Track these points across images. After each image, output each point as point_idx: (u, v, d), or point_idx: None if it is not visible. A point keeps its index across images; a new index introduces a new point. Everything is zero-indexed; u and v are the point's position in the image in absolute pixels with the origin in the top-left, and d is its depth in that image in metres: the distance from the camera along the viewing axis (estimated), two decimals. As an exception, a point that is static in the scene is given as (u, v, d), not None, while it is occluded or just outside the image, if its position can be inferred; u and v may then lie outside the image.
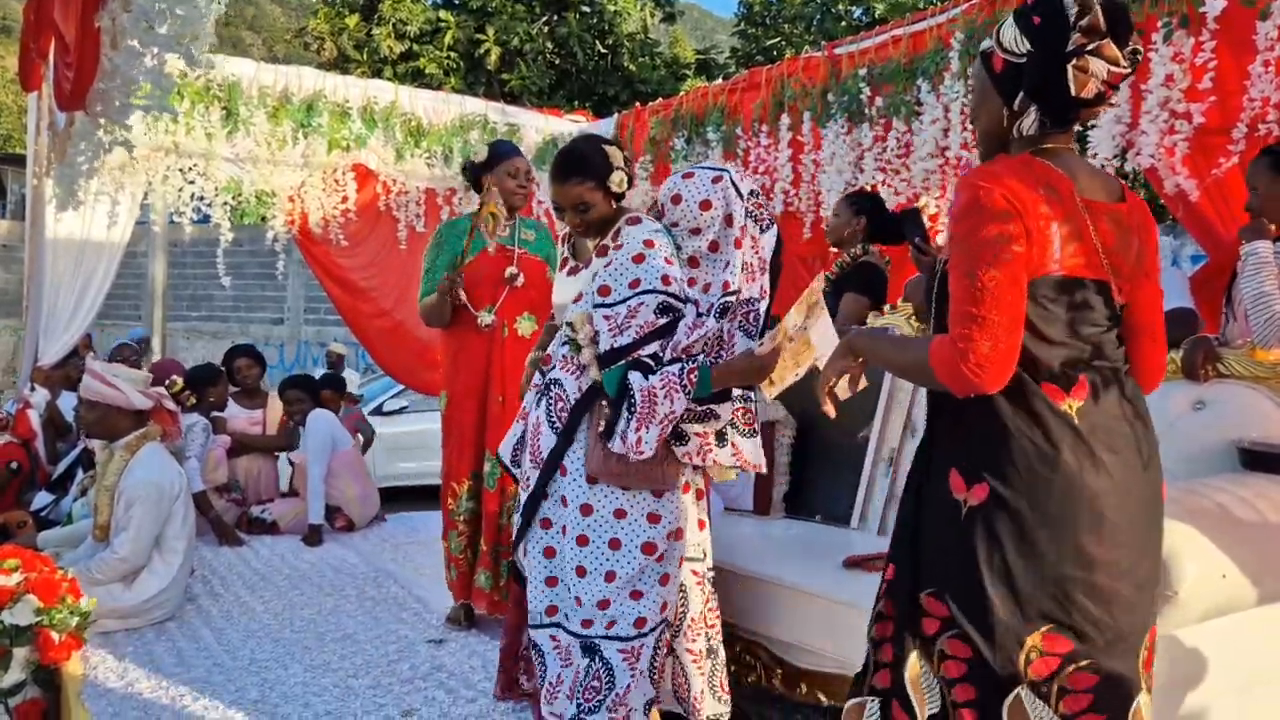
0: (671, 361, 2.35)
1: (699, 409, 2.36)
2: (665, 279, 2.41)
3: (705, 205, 2.48)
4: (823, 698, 2.69)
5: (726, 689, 2.60)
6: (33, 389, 5.82)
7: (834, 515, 3.29)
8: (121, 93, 2.89)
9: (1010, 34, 1.68)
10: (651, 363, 2.36)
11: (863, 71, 4.42)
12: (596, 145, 2.67)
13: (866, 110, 4.42)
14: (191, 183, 5.76)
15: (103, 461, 4.01)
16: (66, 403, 6.18)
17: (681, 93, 6.50)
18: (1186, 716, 2.23)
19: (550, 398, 2.53)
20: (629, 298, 2.40)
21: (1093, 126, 3.44)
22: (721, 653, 2.61)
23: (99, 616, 3.68)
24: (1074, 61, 1.60)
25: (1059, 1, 1.62)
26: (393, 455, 7.66)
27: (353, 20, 15.56)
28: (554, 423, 2.48)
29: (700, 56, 17.01)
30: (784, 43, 13.77)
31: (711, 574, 2.63)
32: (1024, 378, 1.62)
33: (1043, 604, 1.60)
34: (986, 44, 1.74)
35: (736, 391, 2.41)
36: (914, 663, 1.71)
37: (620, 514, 2.40)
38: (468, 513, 3.78)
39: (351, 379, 9.20)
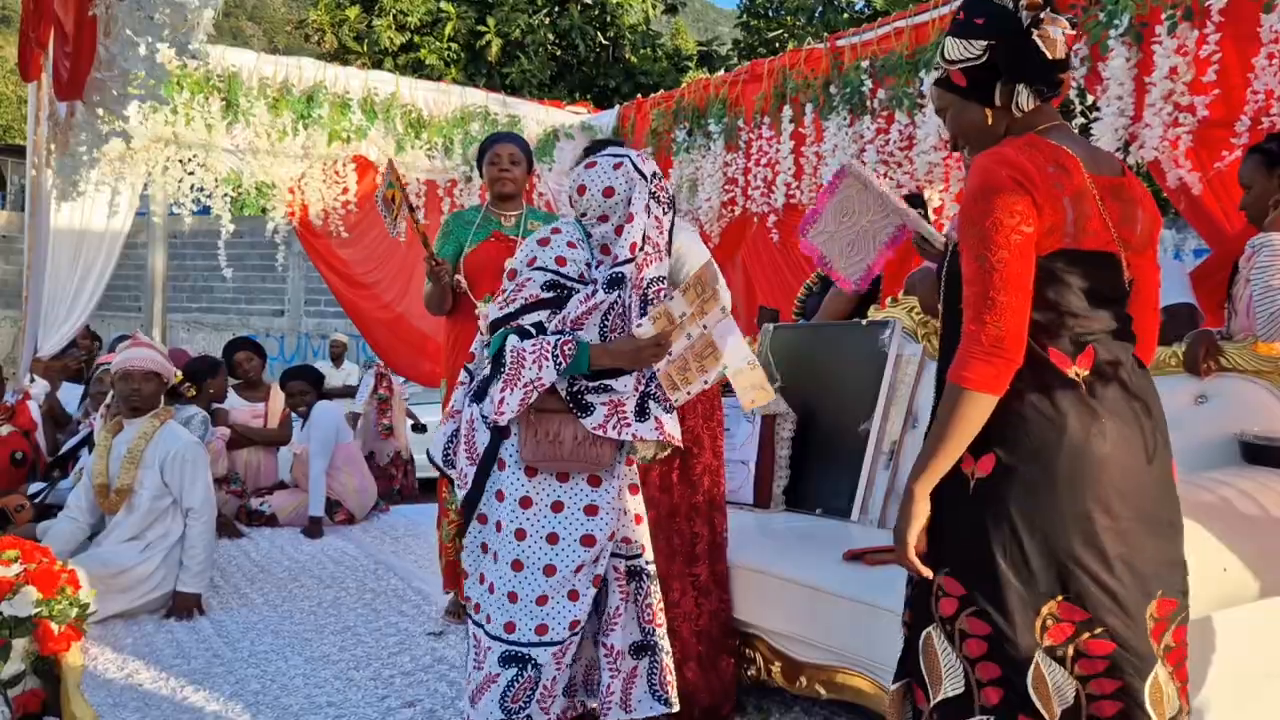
0: (554, 333, 2.35)
1: (592, 384, 2.33)
2: (560, 259, 2.41)
3: (609, 192, 2.45)
4: (822, 690, 2.69)
5: (669, 686, 2.50)
6: (32, 380, 5.82)
7: (834, 509, 3.29)
8: (118, 83, 2.88)
9: (958, 47, 1.74)
10: (533, 330, 2.35)
11: (865, 63, 4.41)
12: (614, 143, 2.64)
13: (869, 102, 4.41)
14: (191, 174, 5.75)
15: (110, 434, 4.03)
16: (66, 394, 6.18)
17: (683, 85, 6.47)
18: (1192, 709, 2.23)
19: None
20: (522, 274, 2.43)
21: (1096, 119, 3.43)
22: (660, 650, 2.50)
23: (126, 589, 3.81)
24: (1035, 32, 1.68)
25: (988, 1, 1.72)
26: (393, 447, 7.64)
27: (353, 12, 15.53)
28: (487, 417, 2.42)
29: (702, 48, 16.96)
30: (786, 34, 13.73)
31: (651, 568, 2.54)
32: (1032, 346, 1.63)
33: (1054, 571, 1.61)
34: (936, 75, 1.82)
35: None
36: (932, 642, 1.71)
37: (558, 507, 2.35)
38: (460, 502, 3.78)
39: (352, 371, 9.21)
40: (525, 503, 2.36)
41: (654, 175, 2.51)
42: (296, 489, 5.78)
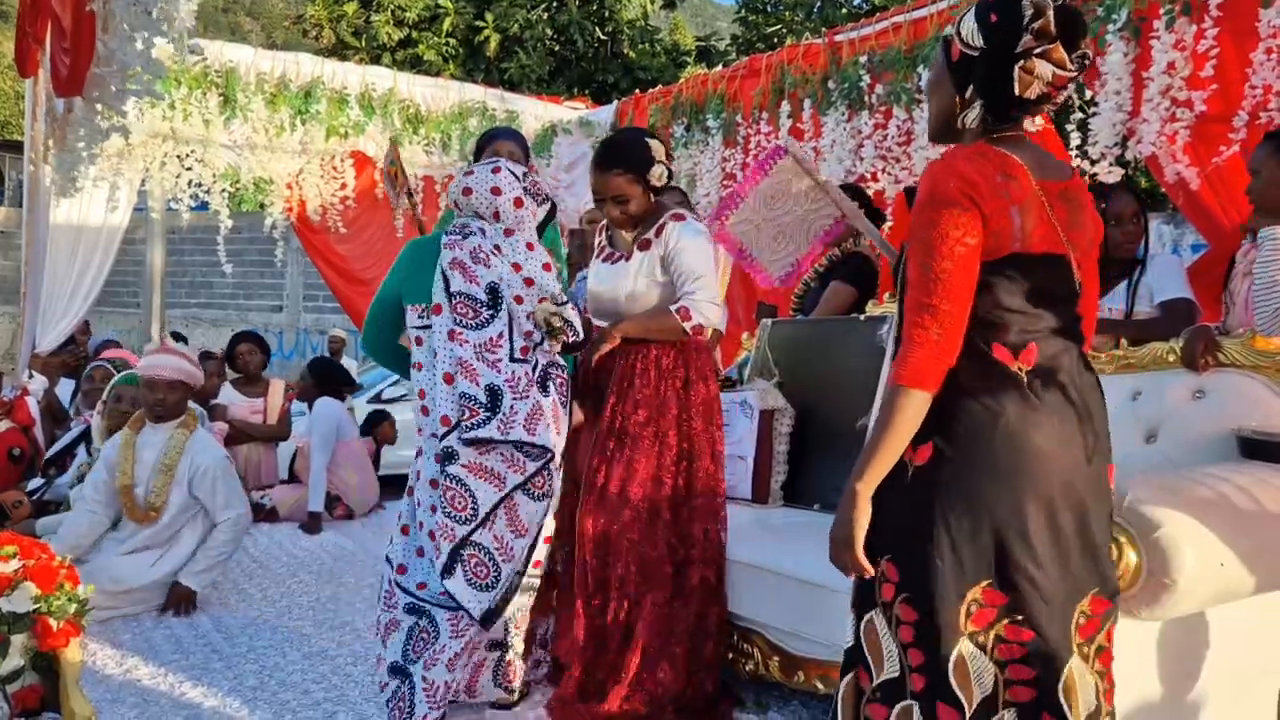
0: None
1: None
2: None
3: (496, 190, 2.68)
4: (819, 685, 2.69)
5: (511, 679, 2.87)
6: (31, 376, 5.82)
7: (832, 504, 3.24)
8: (117, 78, 2.88)
9: (969, 27, 1.72)
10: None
11: (863, 59, 4.41)
12: (637, 137, 2.84)
13: (867, 98, 4.41)
14: (189, 169, 5.75)
15: (133, 433, 3.98)
16: (63, 389, 6.18)
17: (681, 80, 6.47)
18: (1188, 704, 2.24)
19: (552, 378, 2.72)
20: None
21: (1094, 114, 3.43)
22: (510, 650, 2.85)
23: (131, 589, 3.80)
24: (1021, 63, 1.66)
25: (1013, 3, 1.68)
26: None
27: (351, 7, 15.50)
28: (564, 400, 2.75)
29: (701, 44, 16.93)
30: (785, 30, 13.71)
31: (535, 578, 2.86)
32: (976, 342, 1.68)
33: (983, 557, 1.65)
34: (949, 30, 1.80)
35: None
36: (874, 626, 1.76)
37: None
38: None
39: (351, 367, 9.21)
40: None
41: (524, 174, 2.77)
42: (298, 483, 5.78)
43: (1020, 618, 1.65)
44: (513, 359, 2.61)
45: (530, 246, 2.71)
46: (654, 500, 2.82)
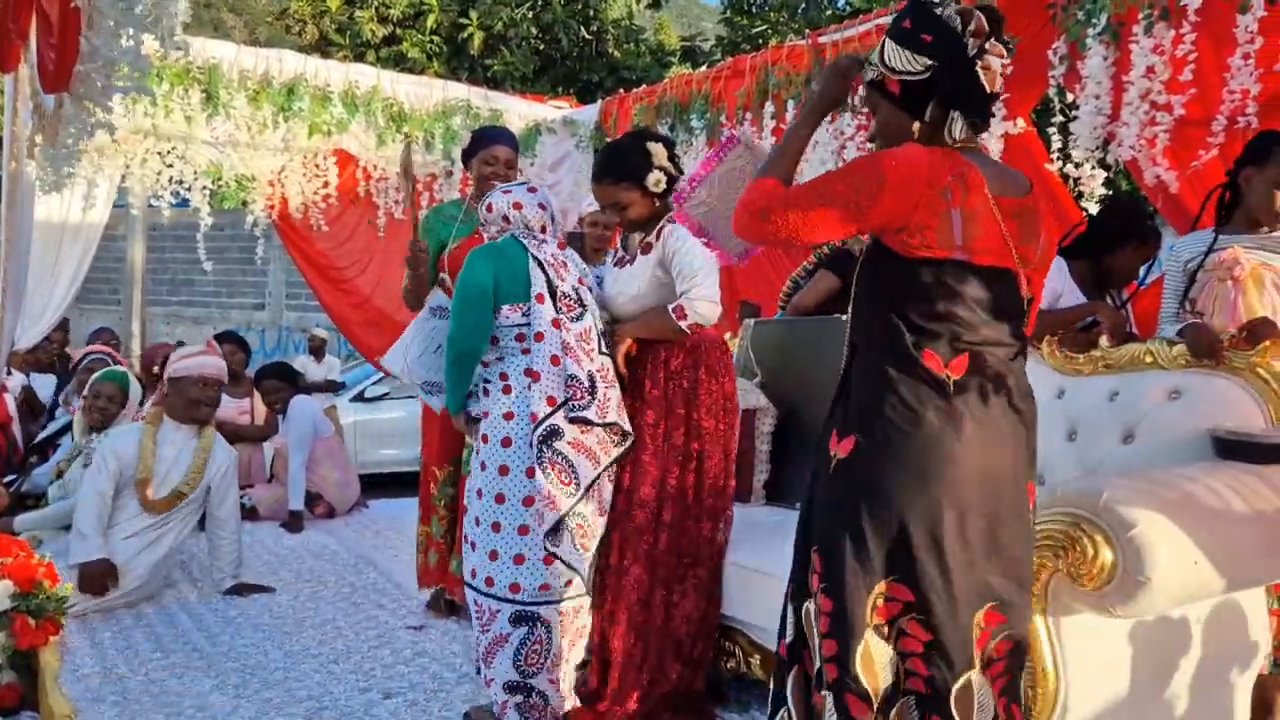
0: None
1: None
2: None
3: (542, 206, 2.90)
4: (801, 683, 2.71)
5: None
6: (9, 373, 5.77)
7: (814, 503, 3.30)
8: (102, 74, 2.86)
9: (900, 56, 1.78)
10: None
11: (846, 60, 4.42)
12: (638, 144, 2.87)
13: (850, 99, 4.42)
14: (170, 166, 5.71)
15: (152, 426, 4.05)
16: (35, 384, 6.13)
17: (666, 80, 6.48)
18: (1162, 699, 2.27)
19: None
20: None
21: (1074, 118, 3.46)
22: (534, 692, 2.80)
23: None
24: (979, 63, 1.74)
25: (938, 18, 1.76)
26: (373, 442, 7.63)
27: (335, 3, 15.41)
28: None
29: (685, 44, 16.92)
30: (770, 30, 13.74)
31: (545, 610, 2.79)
32: (908, 346, 1.73)
33: (890, 553, 1.69)
34: (869, 76, 1.86)
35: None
36: (809, 616, 1.79)
37: (530, 472, 2.67)
38: (448, 499, 3.79)
39: (334, 365, 9.17)
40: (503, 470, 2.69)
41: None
42: (277, 483, 5.76)
43: (922, 617, 1.69)
44: (600, 352, 2.77)
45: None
46: (663, 501, 2.84)
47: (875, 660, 1.70)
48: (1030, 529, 1.83)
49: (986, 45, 1.74)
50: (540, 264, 2.76)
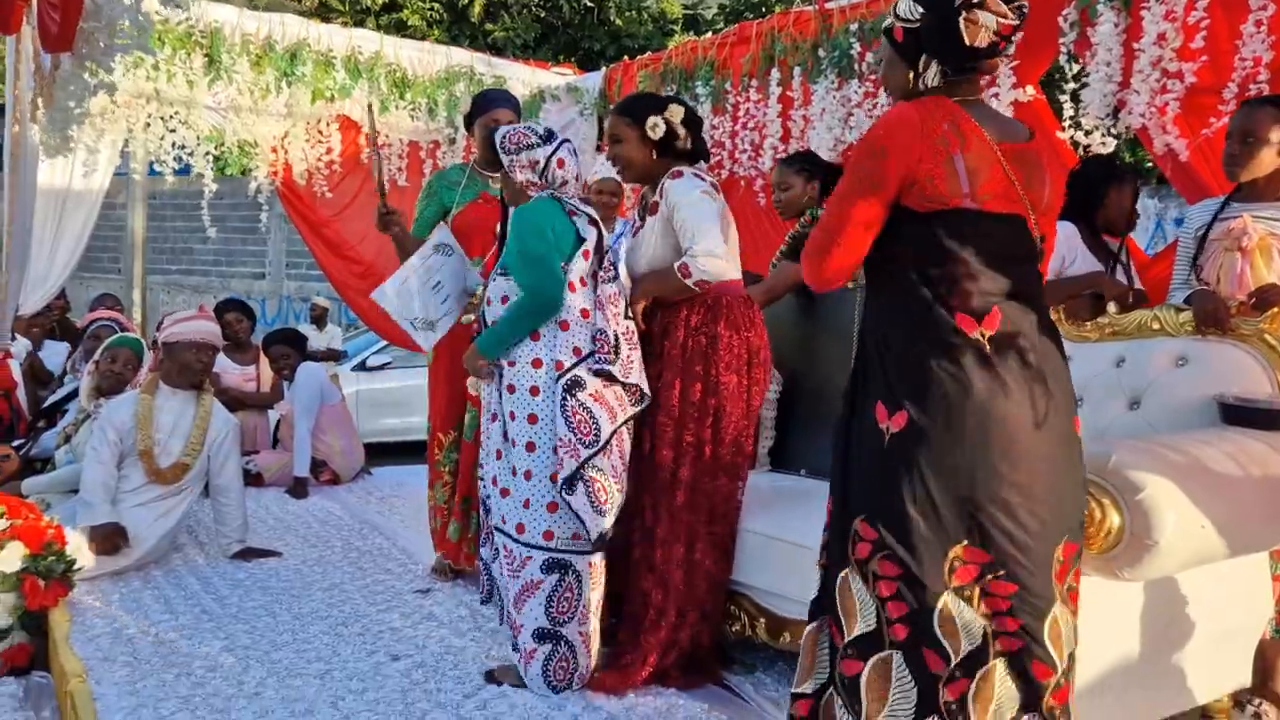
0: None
1: None
2: None
3: (561, 164, 2.89)
4: (806, 646, 2.73)
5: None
6: (14, 339, 5.77)
7: (818, 468, 3.31)
8: (104, 33, 2.85)
9: (905, 4, 1.85)
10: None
11: (854, 27, 4.39)
12: (655, 96, 3.05)
13: (857, 66, 4.39)
14: (173, 131, 5.68)
15: (149, 396, 4.02)
16: (47, 352, 6.14)
17: (671, 47, 6.42)
18: (1166, 661, 2.29)
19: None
20: None
21: (1085, 85, 3.44)
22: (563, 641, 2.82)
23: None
24: (964, 15, 1.78)
25: None
26: (376, 410, 7.65)
27: (335, -31, 15.25)
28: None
29: (688, 12, 16.77)
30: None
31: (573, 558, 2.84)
32: (939, 311, 1.78)
33: (960, 520, 1.75)
34: (887, 21, 1.92)
35: None
36: (848, 584, 1.86)
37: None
38: (452, 464, 3.80)
39: (335, 333, 9.17)
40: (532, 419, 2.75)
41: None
42: (283, 449, 5.78)
43: (1003, 573, 1.74)
44: (625, 315, 2.81)
45: None
46: (680, 458, 2.85)
47: (957, 621, 1.76)
48: (1079, 455, 1.87)
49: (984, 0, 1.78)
50: (592, 220, 2.85)
